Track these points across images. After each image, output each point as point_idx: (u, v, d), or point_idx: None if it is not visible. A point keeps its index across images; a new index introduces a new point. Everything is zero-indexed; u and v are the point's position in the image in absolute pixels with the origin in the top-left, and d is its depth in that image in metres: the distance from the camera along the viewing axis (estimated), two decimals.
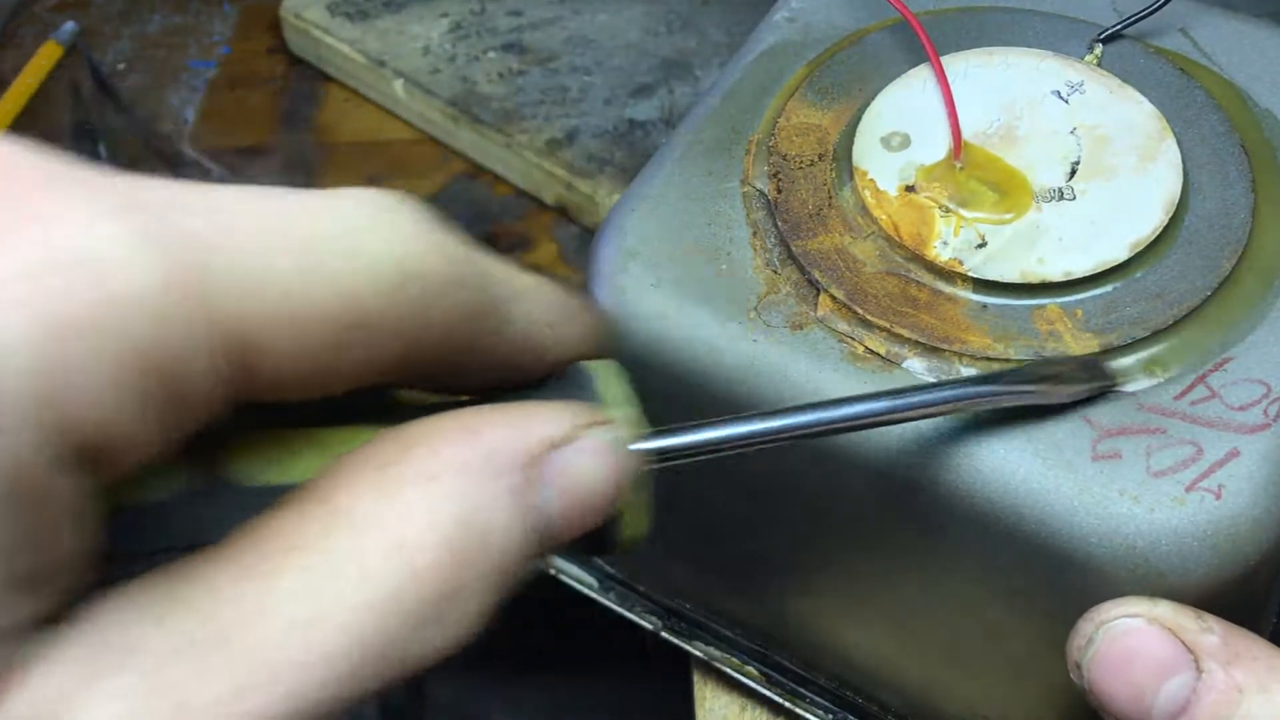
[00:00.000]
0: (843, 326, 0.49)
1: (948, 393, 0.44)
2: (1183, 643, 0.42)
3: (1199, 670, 0.42)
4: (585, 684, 1.37)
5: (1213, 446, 0.46)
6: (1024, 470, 0.46)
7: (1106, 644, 0.43)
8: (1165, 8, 0.56)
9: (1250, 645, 0.42)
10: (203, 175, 0.90)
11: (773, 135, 0.54)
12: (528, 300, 0.34)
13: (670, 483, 0.56)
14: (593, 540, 0.34)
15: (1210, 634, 0.42)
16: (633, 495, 0.34)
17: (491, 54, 0.92)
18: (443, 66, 0.91)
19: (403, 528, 0.28)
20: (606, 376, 0.37)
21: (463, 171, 0.89)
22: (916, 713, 0.57)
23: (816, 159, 0.53)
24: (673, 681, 0.65)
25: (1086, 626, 0.44)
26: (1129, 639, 0.43)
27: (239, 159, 0.91)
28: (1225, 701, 0.41)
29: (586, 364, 0.37)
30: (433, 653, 0.29)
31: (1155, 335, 0.48)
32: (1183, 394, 0.47)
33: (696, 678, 0.62)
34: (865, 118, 0.53)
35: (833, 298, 0.49)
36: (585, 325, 0.37)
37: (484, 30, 0.93)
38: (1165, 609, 0.43)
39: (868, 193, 0.51)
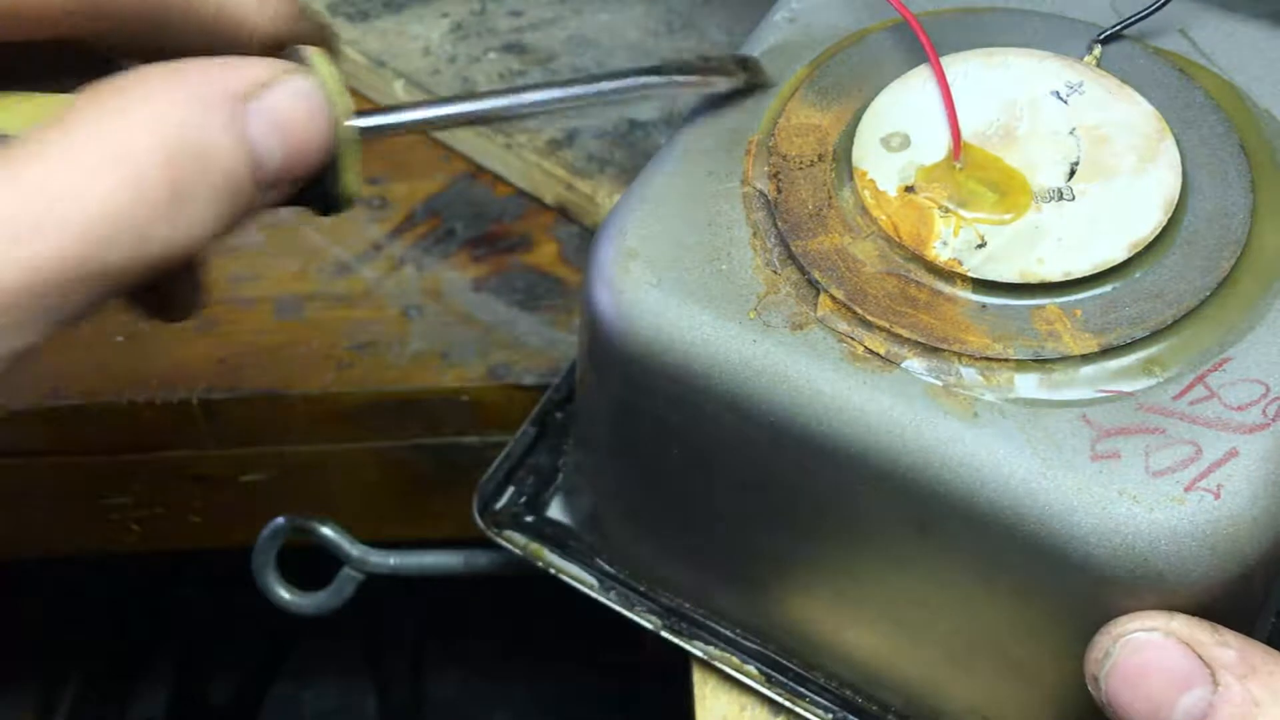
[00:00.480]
0: (842, 326, 0.49)
1: (621, 83, 0.51)
2: (1199, 656, 0.43)
3: (1216, 684, 0.42)
4: (585, 684, 1.37)
5: (1212, 446, 0.46)
6: (1023, 469, 0.46)
7: (1124, 657, 0.44)
8: (1165, 8, 0.56)
9: (1266, 659, 0.43)
10: None
11: (772, 135, 0.54)
12: None
13: (670, 483, 0.56)
14: (316, 195, 0.42)
15: (1227, 648, 0.43)
16: (349, 153, 0.41)
17: (492, 54, 0.92)
18: (443, 67, 0.91)
19: (130, 142, 0.34)
20: (320, 63, 0.41)
21: (463, 171, 0.89)
22: (917, 712, 0.57)
23: (816, 159, 0.53)
24: (673, 681, 0.66)
25: (1104, 640, 0.45)
26: (1146, 652, 0.43)
27: None
28: (1242, 715, 0.41)
29: (301, 50, 0.42)
30: (172, 245, 0.35)
31: (1154, 335, 0.48)
32: (1182, 394, 0.47)
33: (696, 677, 0.62)
34: (865, 118, 0.53)
35: (832, 298, 0.49)
36: (281, 5, 0.44)
37: (484, 31, 0.93)
38: (1182, 623, 0.44)
39: (867, 193, 0.51)
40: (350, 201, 0.43)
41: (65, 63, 0.43)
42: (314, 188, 0.42)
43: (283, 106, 0.38)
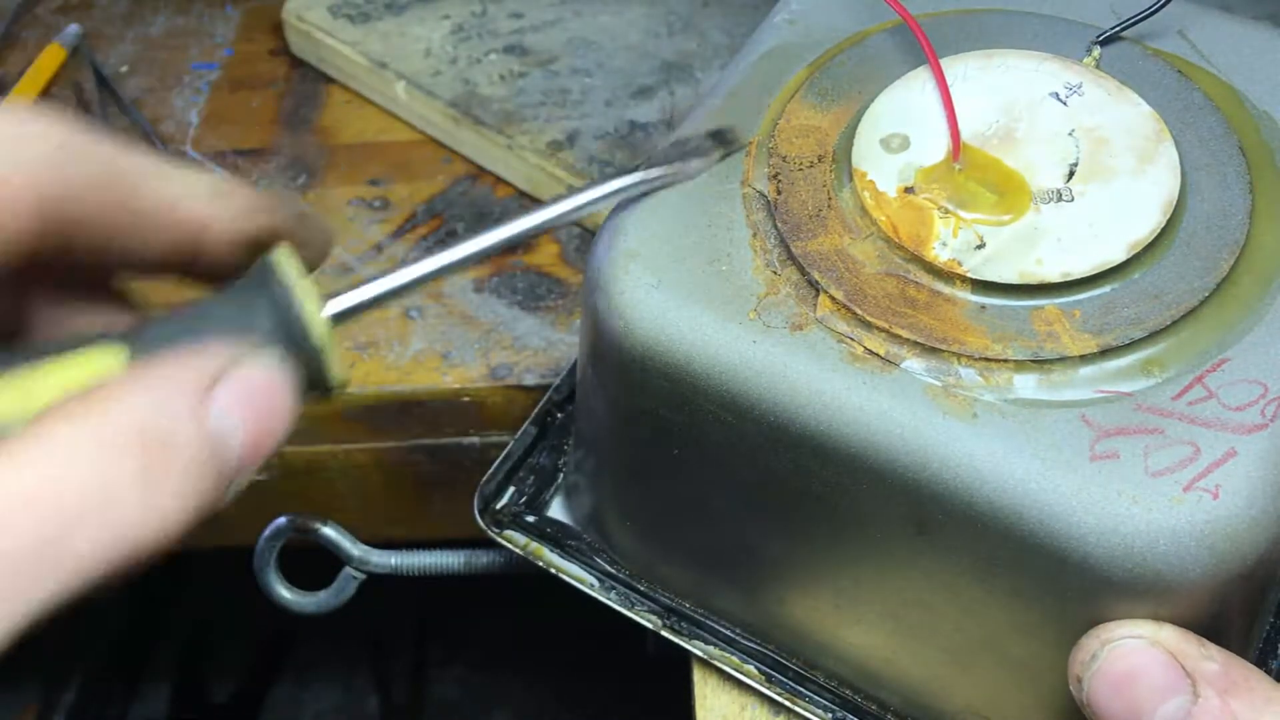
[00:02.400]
0: (842, 327, 0.49)
1: (590, 194, 0.52)
2: (1183, 668, 0.43)
3: (1196, 695, 0.42)
4: (586, 684, 1.37)
5: (1210, 446, 0.46)
6: (1022, 470, 0.46)
7: (1109, 662, 0.44)
8: (1163, 10, 0.56)
9: (1248, 675, 0.43)
10: None
11: (773, 137, 0.54)
12: (160, 177, 0.42)
13: (671, 482, 0.56)
14: (309, 387, 0.44)
15: (1211, 661, 0.43)
16: (328, 346, 0.43)
17: (493, 56, 0.92)
18: (444, 68, 0.91)
19: (100, 443, 0.35)
20: (285, 263, 0.43)
21: (464, 173, 0.89)
22: (916, 712, 0.57)
23: (816, 160, 0.53)
24: (673, 681, 0.66)
25: (1091, 643, 0.45)
26: (1131, 659, 0.44)
27: (241, 160, 0.91)
28: None
29: (270, 256, 0.43)
30: (144, 538, 0.35)
31: (1153, 336, 0.48)
32: (1180, 394, 0.47)
33: (697, 677, 0.62)
34: (865, 119, 0.54)
35: (832, 298, 0.50)
36: (242, 200, 0.44)
37: (485, 32, 0.94)
38: (1170, 633, 0.44)
39: (867, 194, 0.51)
40: (343, 386, 0.45)
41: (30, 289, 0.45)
42: (312, 386, 0.44)
43: (242, 392, 0.38)
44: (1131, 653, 0.44)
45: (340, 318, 0.45)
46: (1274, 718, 0.42)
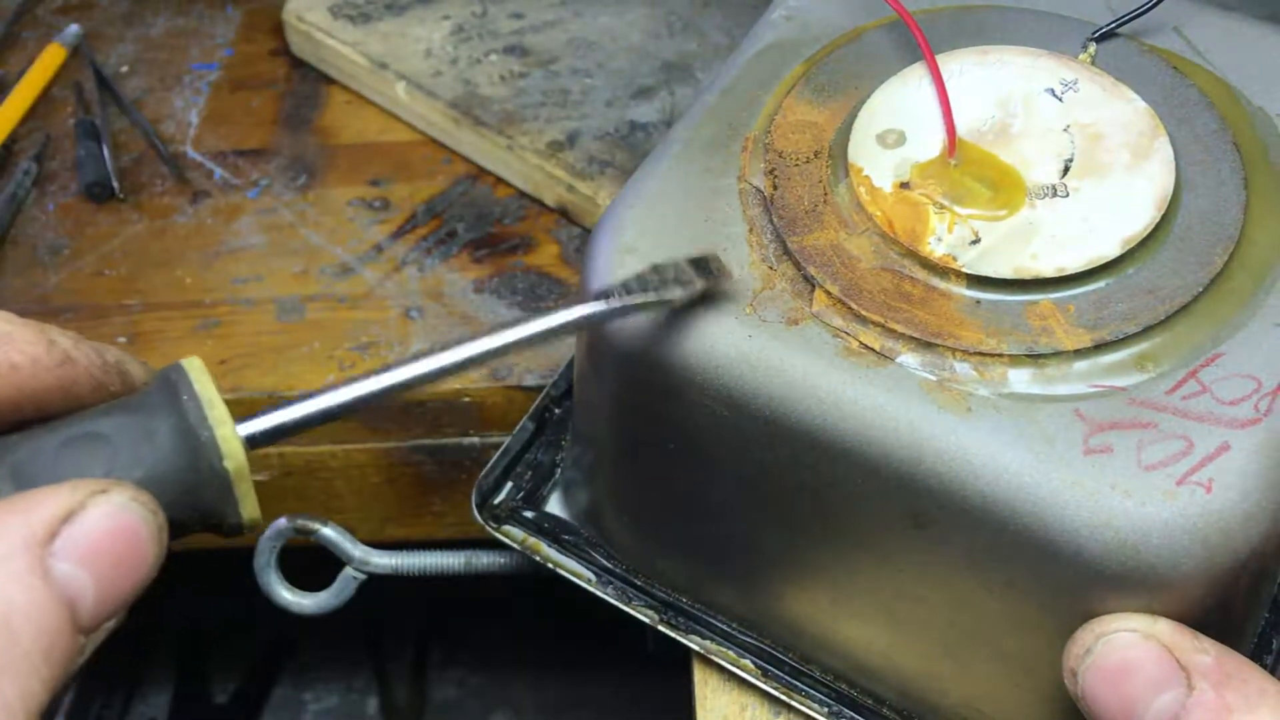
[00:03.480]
0: (838, 322, 0.49)
1: (565, 317, 0.47)
2: (1177, 661, 0.43)
3: (1191, 688, 0.42)
4: (586, 685, 1.37)
5: (1203, 441, 0.46)
6: (1017, 464, 0.46)
7: (1103, 655, 0.44)
8: (1159, 6, 0.56)
9: (1241, 668, 0.43)
10: (206, 177, 0.90)
11: (769, 132, 0.54)
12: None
13: (667, 477, 0.57)
14: (216, 526, 0.39)
15: (1205, 654, 0.43)
16: (240, 480, 0.38)
17: (493, 56, 0.92)
18: (444, 69, 0.91)
19: None
20: (197, 373, 0.39)
21: (464, 173, 0.90)
22: (911, 706, 0.57)
23: (812, 155, 0.53)
24: (673, 682, 0.66)
25: (1086, 637, 0.45)
26: (1126, 652, 0.44)
27: (241, 161, 0.91)
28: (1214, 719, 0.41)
29: (179, 363, 0.39)
30: None
31: (1147, 330, 0.48)
32: (1174, 389, 0.48)
33: (697, 678, 0.62)
34: (861, 115, 0.54)
35: (828, 293, 0.50)
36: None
37: (486, 33, 0.94)
38: (1164, 627, 0.44)
39: (863, 189, 0.51)
40: (252, 526, 0.40)
41: None
42: (212, 521, 0.39)
43: (90, 537, 0.34)
44: (1126, 646, 0.44)
45: (257, 441, 0.40)
46: (1268, 710, 0.42)
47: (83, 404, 0.40)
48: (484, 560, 0.69)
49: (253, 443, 0.40)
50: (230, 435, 0.38)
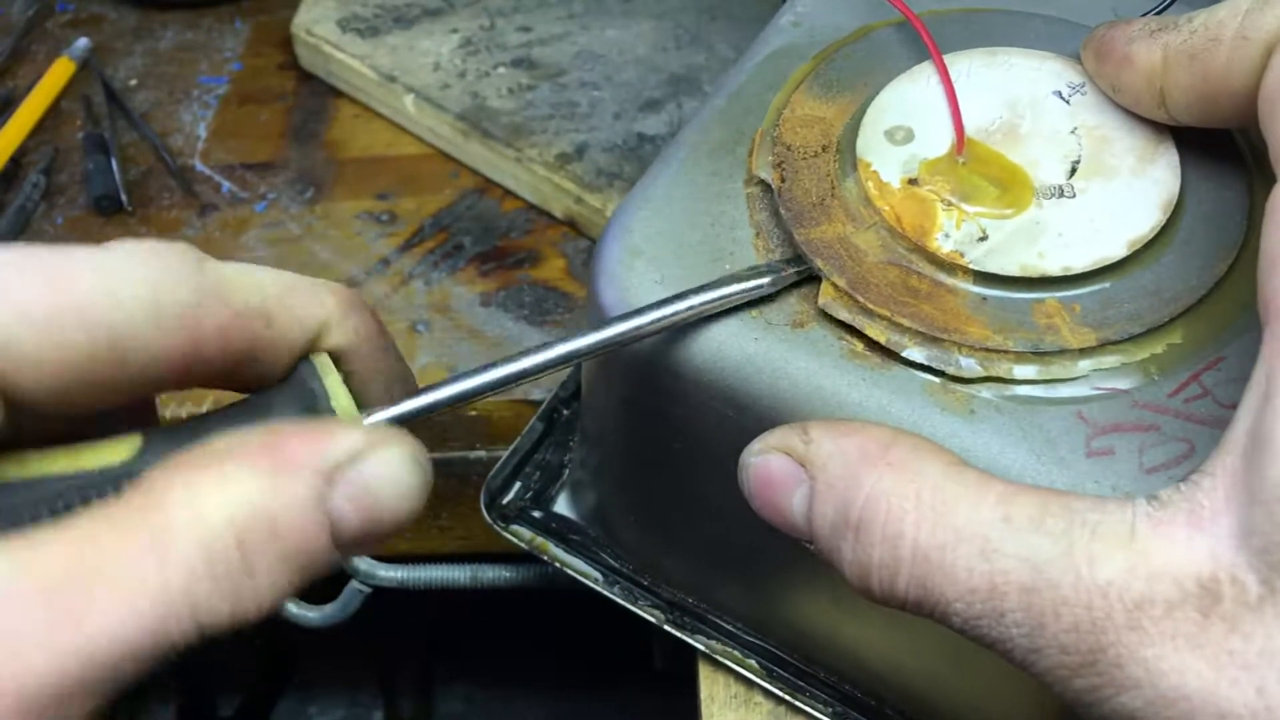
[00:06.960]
0: (844, 314, 0.49)
1: (654, 315, 0.49)
2: (795, 460, 0.44)
3: (813, 478, 0.44)
4: (593, 700, 1.37)
5: (1205, 444, 0.46)
6: (1018, 466, 0.46)
7: (748, 478, 0.46)
8: (1165, 11, 0.56)
9: (831, 431, 0.44)
10: (214, 190, 0.90)
11: (778, 126, 0.54)
12: (290, 297, 0.43)
13: (674, 478, 0.57)
14: None
15: (810, 443, 0.44)
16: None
17: (501, 69, 0.92)
18: (453, 82, 0.92)
19: (204, 514, 0.35)
20: (324, 367, 0.42)
21: (473, 186, 0.90)
22: (915, 708, 0.57)
23: (820, 150, 0.54)
24: (680, 696, 0.66)
25: (739, 474, 0.47)
26: (757, 470, 0.45)
27: (250, 174, 0.92)
28: (829, 491, 0.43)
29: (309, 359, 0.42)
30: (228, 618, 0.36)
31: (1151, 332, 0.48)
32: (1176, 391, 0.47)
33: (703, 693, 0.62)
34: (869, 111, 0.54)
35: (835, 286, 0.50)
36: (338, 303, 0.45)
37: (494, 46, 0.94)
38: (776, 436, 0.45)
39: (871, 184, 0.52)
40: None
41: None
42: None
43: (372, 482, 0.38)
44: (754, 465, 0.45)
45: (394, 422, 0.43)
46: (852, 445, 0.43)
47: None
48: (490, 574, 0.69)
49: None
50: (356, 420, 0.42)
